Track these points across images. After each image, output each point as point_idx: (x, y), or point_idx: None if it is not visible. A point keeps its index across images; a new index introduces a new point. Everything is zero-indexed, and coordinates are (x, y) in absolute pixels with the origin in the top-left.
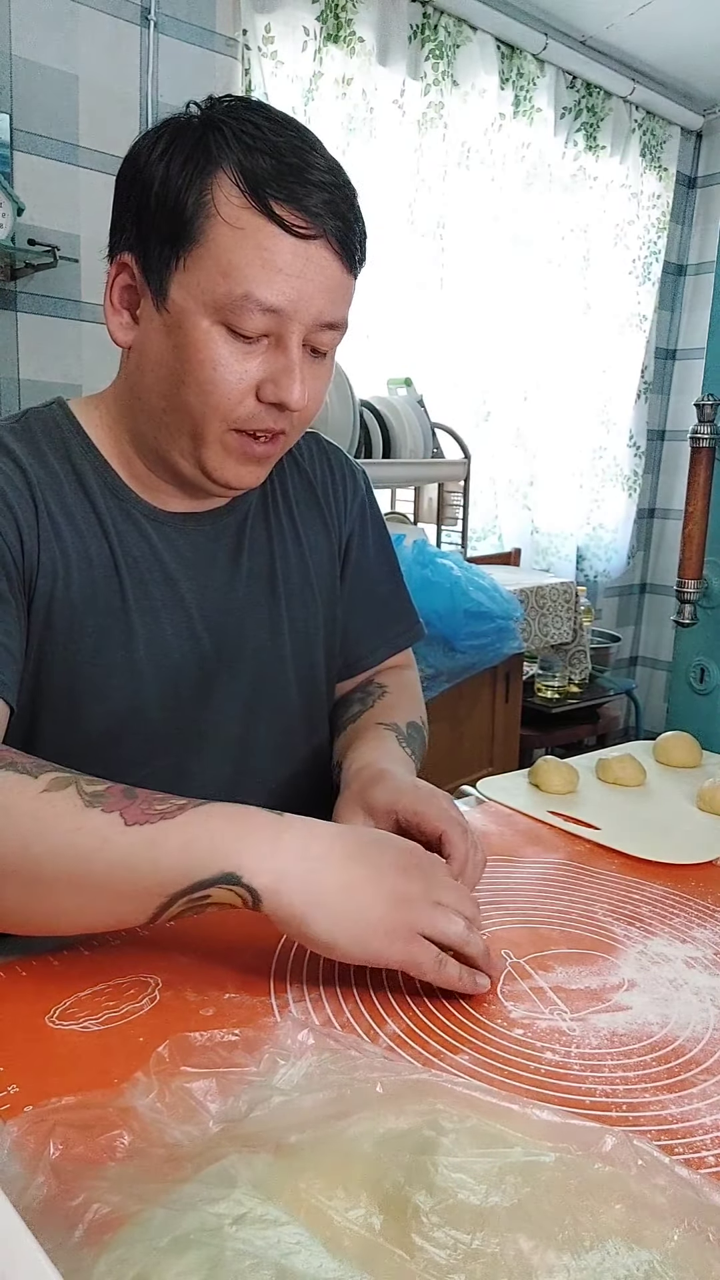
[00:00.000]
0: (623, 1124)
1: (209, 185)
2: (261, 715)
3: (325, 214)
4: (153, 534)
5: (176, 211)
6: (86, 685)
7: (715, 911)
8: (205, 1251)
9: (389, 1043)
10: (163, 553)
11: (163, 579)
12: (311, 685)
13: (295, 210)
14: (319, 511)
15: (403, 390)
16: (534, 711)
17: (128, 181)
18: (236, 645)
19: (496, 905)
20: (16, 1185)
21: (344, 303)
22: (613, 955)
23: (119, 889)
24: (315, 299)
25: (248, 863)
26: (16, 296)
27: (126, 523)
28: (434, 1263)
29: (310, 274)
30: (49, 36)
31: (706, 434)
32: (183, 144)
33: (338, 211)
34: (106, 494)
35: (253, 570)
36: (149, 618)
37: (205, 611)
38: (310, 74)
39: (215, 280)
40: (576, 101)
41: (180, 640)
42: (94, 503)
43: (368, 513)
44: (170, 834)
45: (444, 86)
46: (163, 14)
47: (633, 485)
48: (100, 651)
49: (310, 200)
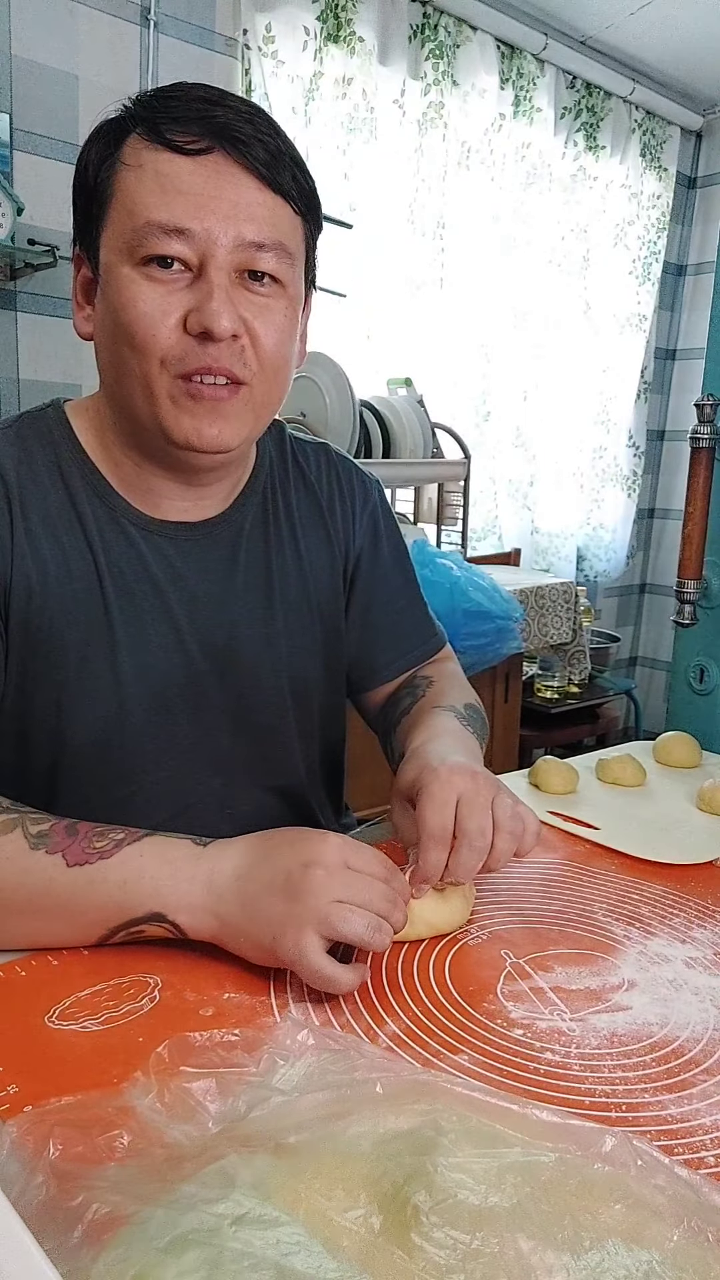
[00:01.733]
0: (622, 1124)
1: (118, 150)
2: (252, 728)
3: (222, 129)
4: (141, 543)
5: (95, 184)
6: (71, 698)
7: (715, 911)
8: (204, 1251)
9: (389, 1043)
10: (151, 563)
11: (150, 589)
12: (305, 699)
13: (185, 130)
14: (323, 526)
15: (403, 390)
16: (533, 712)
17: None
18: (227, 657)
19: (497, 905)
20: (16, 1185)
21: (271, 223)
22: (612, 955)
23: (66, 921)
24: (228, 217)
25: (170, 901)
26: (16, 296)
27: (114, 531)
28: (433, 1263)
29: (215, 191)
30: (49, 36)
31: (706, 434)
32: (101, 131)
33: (235, 127)
34: (95, 501)
35: (248, 582)
36: (133, 628)
37: (195, 622)
38: (310, 74)
39: (124, 222)
40: (576, 101)
41: (167, 651)
42: (80, 512)
43: (381, 526)
44: (108, 874)
45: (444, 86)
46: (163, 14)
47: (632, 485)
48: (84, 664)
49: (201, 122)
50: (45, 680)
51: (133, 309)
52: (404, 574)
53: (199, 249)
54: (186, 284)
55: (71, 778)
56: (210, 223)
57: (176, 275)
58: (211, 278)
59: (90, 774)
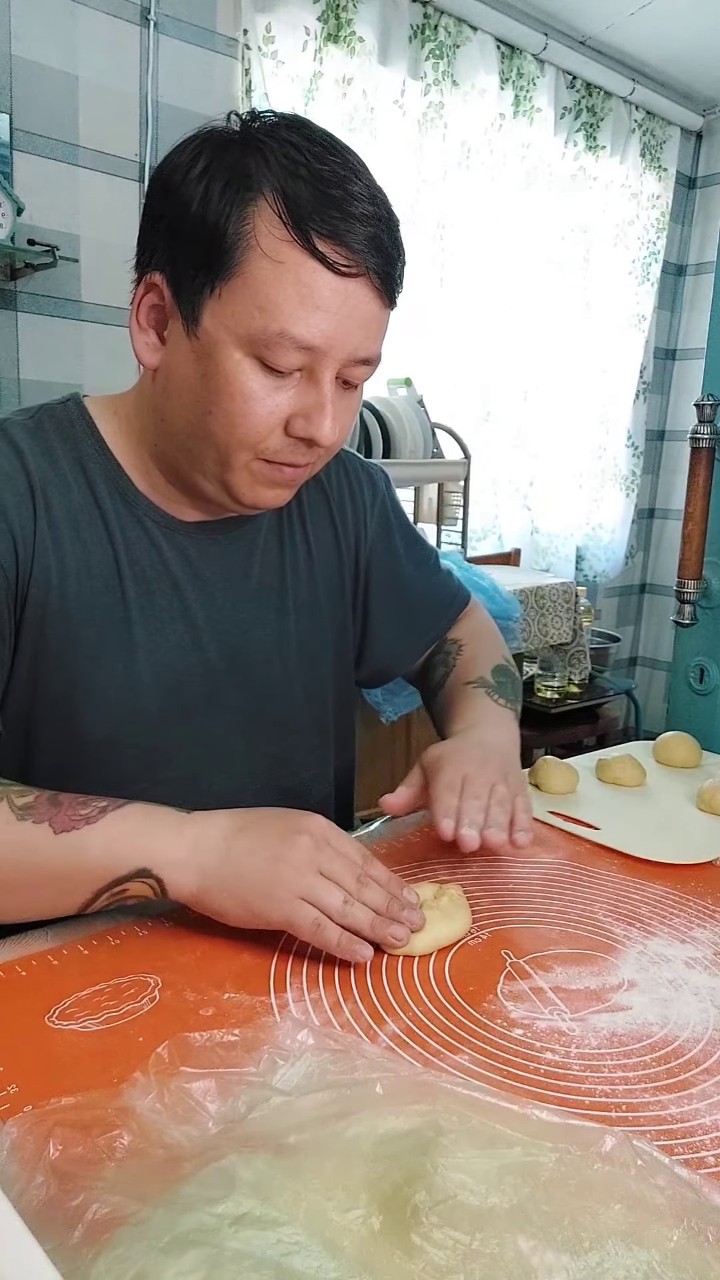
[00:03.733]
0: (622, 1124)
1: (249, 214)
2: (266, 727)
3: (368, 250)
4: (162, 541)
5: (214, 239)
6: (83, 695)
7: (715, 911)
8: (204, 1251)
9: (389, 1043)
10: (171, 561)
11: (170, 587)
12: (319, 698)
13: (338, 246)
14: (331, 526)
15: (403, 390)
16: (534, 712)
17: (160, 197)
18: (242, 657)
19: (497, 905)
20: (16, 1185)
21: (379, 337)
22: (612, 955)
23: (54, 888)
24: (352, 335)
25: (157, 856)
26: (16, 296)
27: (135, 529)
28: (433, 1263)
29: (349, 311)
30: (49, 36)
31: (706, 434)
32: (221, 164)
33: (380, 247)
34: (117, 499)
35: (263, 583)
36: (152, 628)
37: (212, 622)
38: (310, 74)
39: (251, 314)
40: (576, 101)
41: (184, 651)
42: (102, 508)
43: (391, 519)
44: (93, 837)
45: (444, 86)
46: (163, 14)
47: (632, 485)
48: (97, 662)
49: (353, 236)
50: (56, 676)
51: (242, 402)
52: (417, 557)
53: (317, 359)
54: (295, 384)
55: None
56: (337, 341)
57: (292, 379)
58: (324, 390)
59: (99, 774)
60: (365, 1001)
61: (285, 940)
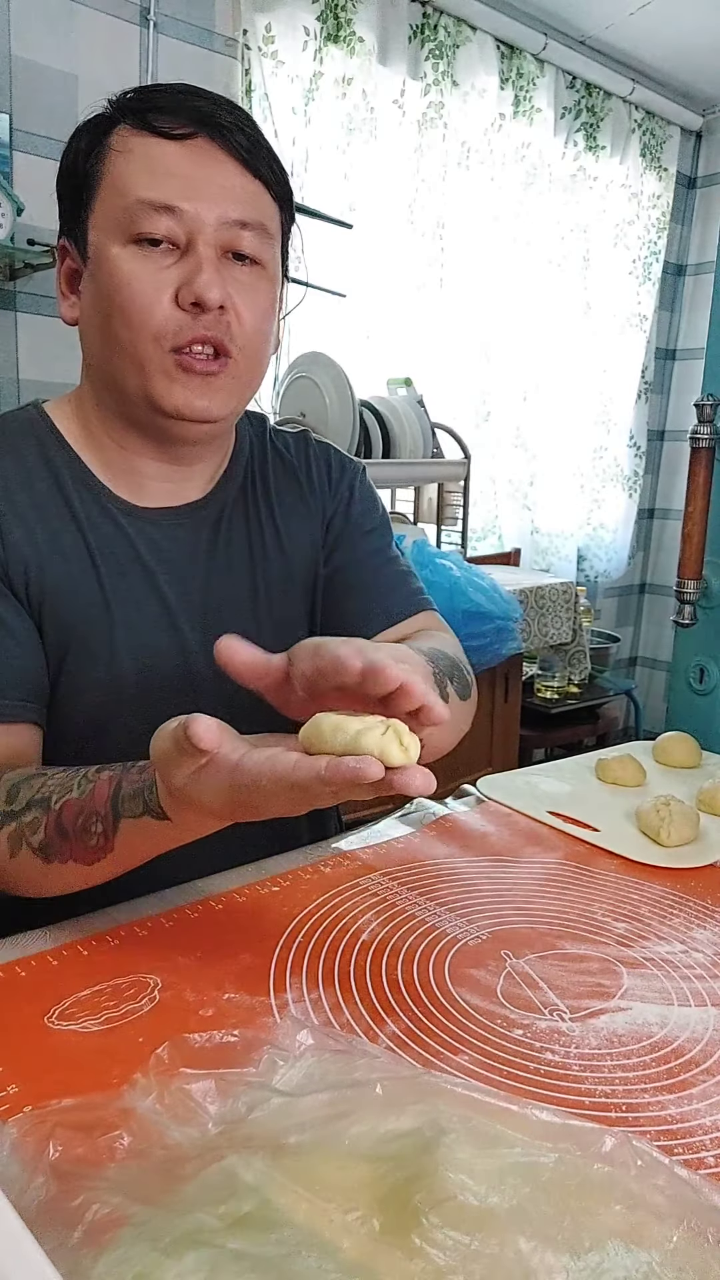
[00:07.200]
0: (622, 1124)
1: (101, 139)
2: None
3: (202, 117)
4: (128, 528)
5: (81, 172)
6: (68, 678)
7: (715, 911)
8: (205, 1252)
9: (389, 1043)
10: (139, 546)
11: (140, 571)
12: None
13: (170, 118)
14: (302, 501)
15: (403, 390)
16: (533, 712)
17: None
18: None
19: (497, 905)
20: (16, 1186)
21: (253, 204)
22: (612, 956)
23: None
24: (211, 196)
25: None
26: (16, 296)
27: (102, 517)
28: (434, 1264)
29: (200, 173)
30: (49, 36)
31: (706, 434)
32: (87, 126)
33: (216, 115)
34: (81, 489)
35: (230, 563)
36: (129, 609)
37: (185, 605)
38: (310, 74)
39: (114, 203)
40: (576, 101)
41: (160, 632)
42: (68, 498)
43: (357, 491)
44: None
45: (444, 86)
46: (162, 14)
47: (633, 485)
48: (83, 643)
49: (184, 110)
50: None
51: (126, 288)
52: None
53: (186, 227)
54: (175, 261)
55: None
56: (197, 202)
57: (166, 252)
58: (200, 253)
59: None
60: (365, 1002)
61: (285, 940)
